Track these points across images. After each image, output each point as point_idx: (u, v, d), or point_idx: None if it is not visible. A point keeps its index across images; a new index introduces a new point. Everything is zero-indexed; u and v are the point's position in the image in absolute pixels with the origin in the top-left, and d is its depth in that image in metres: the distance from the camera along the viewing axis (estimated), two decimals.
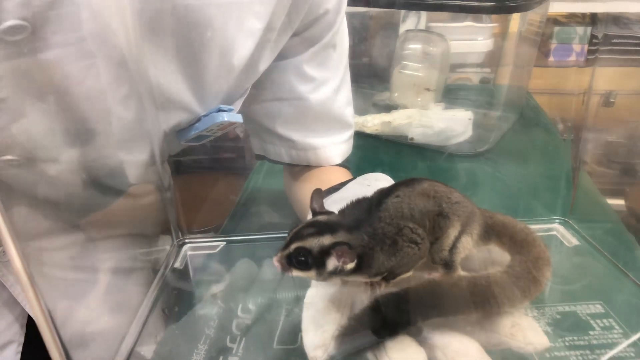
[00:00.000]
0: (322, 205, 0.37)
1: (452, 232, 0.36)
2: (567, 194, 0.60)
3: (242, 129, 0.83)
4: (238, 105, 0.54)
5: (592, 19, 0.60)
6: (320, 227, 0.34)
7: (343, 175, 0.61)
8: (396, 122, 0.90)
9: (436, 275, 0.37)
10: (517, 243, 0.38)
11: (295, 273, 0.34)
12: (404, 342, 0.33)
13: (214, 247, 0.55)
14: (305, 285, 0.40)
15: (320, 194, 0.38)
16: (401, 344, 0.33)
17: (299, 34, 0.54)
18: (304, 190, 0.60)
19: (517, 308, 0.35)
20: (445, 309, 0.34)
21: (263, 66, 0.52)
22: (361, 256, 0.33)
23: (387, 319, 0.34)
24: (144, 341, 0.45)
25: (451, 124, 0.88)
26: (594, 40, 0.60)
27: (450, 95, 0.97)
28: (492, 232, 0.38)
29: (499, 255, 0.39)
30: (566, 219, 0.58)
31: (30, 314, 0.54)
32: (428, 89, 0.92)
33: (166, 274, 0.53)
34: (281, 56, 0.55)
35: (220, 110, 0.49)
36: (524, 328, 0.34)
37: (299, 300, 0.47)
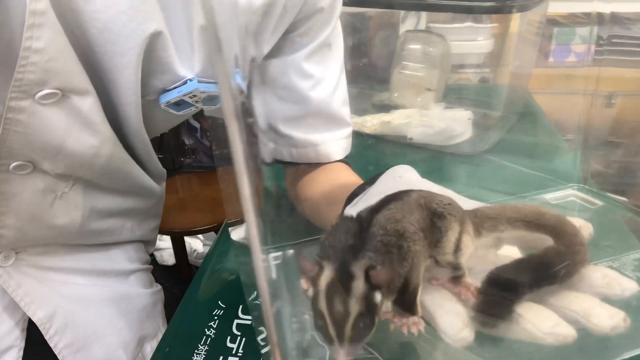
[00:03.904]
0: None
1: (452, 234, 0.36)
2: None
3: None
4: None
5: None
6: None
7: (347, 172, 0.62)
8: (395, 122, 0.90)
9: (443, 280, 0.37)
10: (531, 224, 0.39)
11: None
12: (533, 307, 0.34)
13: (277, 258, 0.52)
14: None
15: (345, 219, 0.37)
16: (531, 309, 0.34)
17: (296, 30, 0.55)
18: (310, 191, 0.61)
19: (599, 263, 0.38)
20: (549, 276, 0.36)
21: (265, 47, 0.53)
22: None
23: (511, 288, 0.35)
24: None
25: (451, 124, 0.88)
26: (620, 41, 0.60)
27: (451, 95, 0.96)
28: (493, 224, 0.39)
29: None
30: (582, 185, 0.58)
31: (34, 319, 0.54)
32: (429, 89, 0.92)
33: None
34: (281, 53, 0.56)
35: None
36: (615, 277, 0.36)
37: (298, 301, 0.47)
